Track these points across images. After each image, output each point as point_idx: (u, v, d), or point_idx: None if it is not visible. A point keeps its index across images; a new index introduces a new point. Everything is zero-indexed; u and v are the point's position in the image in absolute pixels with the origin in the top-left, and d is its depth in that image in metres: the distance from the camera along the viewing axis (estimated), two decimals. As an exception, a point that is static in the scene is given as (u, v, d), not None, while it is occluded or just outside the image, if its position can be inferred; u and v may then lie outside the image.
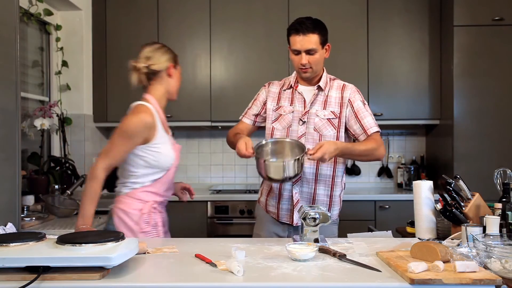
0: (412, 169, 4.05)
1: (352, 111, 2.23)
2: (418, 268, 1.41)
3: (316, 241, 1.85)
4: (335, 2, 3.90)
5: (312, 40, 2.15)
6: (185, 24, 3.94)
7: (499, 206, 1.88)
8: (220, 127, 4.10)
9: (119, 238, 1.52)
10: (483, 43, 3.59)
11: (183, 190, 2.35)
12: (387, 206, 3.63)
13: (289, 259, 1.64)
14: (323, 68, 2.29)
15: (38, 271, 1.38)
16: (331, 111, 2.23)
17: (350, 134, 2.27)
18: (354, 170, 4.20)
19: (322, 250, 1.73)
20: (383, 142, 2.25)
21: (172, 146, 2.14)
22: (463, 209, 1.96)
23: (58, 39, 3.76)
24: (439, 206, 1.98)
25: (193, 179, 4.30)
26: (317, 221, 1.85)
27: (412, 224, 2.31)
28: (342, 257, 1.64)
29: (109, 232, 1.77)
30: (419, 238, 2.00)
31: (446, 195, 1.99)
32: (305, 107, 2.25)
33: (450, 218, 1.96)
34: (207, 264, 1.58)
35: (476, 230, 1.73)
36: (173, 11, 3.94)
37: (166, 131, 2.17)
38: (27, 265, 1.40)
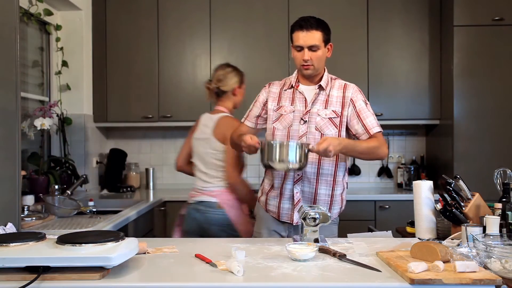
0: (412, 169, 4.05)
1: (354, 111, 2.23)
2: (418, 268, 1.41)
3: (316, 241, 1.85)
4: (335, 2, 3.90)
5: (315, 36, 2.17)
6: (185, 24, 3.94)
7: (499, 206, 1.88)
8: (220, 127, 4.09)
9: (119, 238, 1.52)
10: (483, 43, 3.59)
11: None
12: (387, 206, 3.63)
13: (289, 259, 1.64)
14: (325, 67, 2.30)
15: (38, 271, 1.38)
16: (333, 110, 2.23)
17: (351, 133, 2.26)
18: (354, 170, 4.19)
19: (322, 250, 1.73)
20: (386, 142, 2.25)
21: None
22: (463, 209, 1.96)
23: (58, 39, 3.75)
24: (439, 206, 1.98)
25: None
26: (317, 221, 1.85)
27: (412, 224, 2.31)
28: (342, 257, 1.64)
29: (109, 232, 1.77)
30: (419, 238, 2.00)
31: (446, 195, 1.99)
32: (306, 107, 2.25)
33: (450, 218, 1.96)
34: (207, 264, 1.59)
35: (476, 230, 1.73)
36: (173, 11, 3.94)
37: None
38: (27, 265, 1.40)
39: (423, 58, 3.89)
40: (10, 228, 1.79)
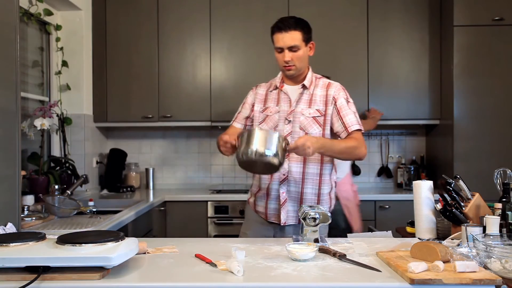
0: (412, 169, 4.05)
1: (335, 109, 2.23)
2: (418, 268, 1.41)
3: (316, 241, 1.85)
4: (335, 2, 3.90)
5: (294, 37, 2.17)
6: (185, 24, 3.94)
7: (499, 206, 1.88)
8: (220, 127, 4.09)
9: (119, 238, 1.52)
10: (483, 43, 3.60)
11: None
12: (387, 206, 3.63)
13: (289, 259, 1.64)
14: (308, 66, 2.30)
15: (38, 271, 1.38)
16: (316, 109, 2.23)
17: (334, 132, 2.27)
18: (354, 170, 4.19)
19: (322, 250, 1.73)
20: (365, 141, 2.22)
21: None
22: (463, 209, 1.96)
23: (58, 39, 3.75)
24: (439, 206, 1.98)
25: (193, 179, 4.31)
26: (317, 221, 1.85)
27: (412, 224, 2.31)
28: (342, 257, 1.64)
29: (109, 232, 1.77)
30: (419, 238, 2.00)
31: (446, 195, 1.99)
32: (290, 106, 2.26)
33: (450, 218, 1.96)
34: (207, 264, 1.59)
35: (476, 230, 1.73)
36: (173, 11, 3.94)
37: None
38: (27, 265, 1.40)
39: (423, 58, 3.89)
40: (10, 228, 1.79)
